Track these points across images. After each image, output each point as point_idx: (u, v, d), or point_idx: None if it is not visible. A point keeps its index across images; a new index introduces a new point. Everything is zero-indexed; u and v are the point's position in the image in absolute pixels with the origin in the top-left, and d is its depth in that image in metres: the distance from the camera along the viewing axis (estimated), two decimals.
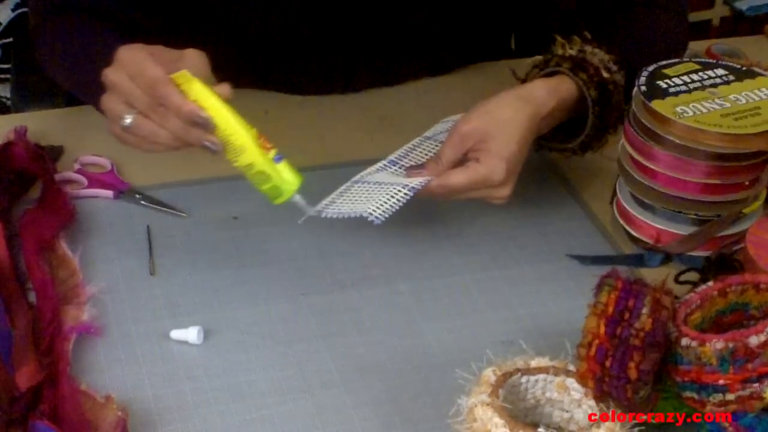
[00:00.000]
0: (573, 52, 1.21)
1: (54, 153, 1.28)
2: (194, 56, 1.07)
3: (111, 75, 1.07)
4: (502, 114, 1.14)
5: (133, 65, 1.05)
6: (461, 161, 1.14)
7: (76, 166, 1.27)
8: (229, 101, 1.05)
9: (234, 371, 1.03)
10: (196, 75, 1.04)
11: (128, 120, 1.06)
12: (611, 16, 1.35)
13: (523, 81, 1.23)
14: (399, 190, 1.10)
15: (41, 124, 1.33)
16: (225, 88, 1.06)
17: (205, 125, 1.04)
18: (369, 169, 1.16)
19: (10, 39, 2.22)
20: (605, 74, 1.20)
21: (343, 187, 1.13)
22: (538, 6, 1.52)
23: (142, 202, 1.23)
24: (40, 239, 1.13)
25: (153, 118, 1.05)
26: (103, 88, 1.08)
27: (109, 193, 1.24)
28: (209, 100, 1.04)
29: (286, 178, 1.07)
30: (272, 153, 1.06)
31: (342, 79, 1.44)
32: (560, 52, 1.22)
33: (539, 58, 1.23)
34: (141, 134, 1.07)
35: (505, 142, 1.13)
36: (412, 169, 1.15)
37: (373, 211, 1.07)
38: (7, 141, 1.25)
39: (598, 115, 1.20)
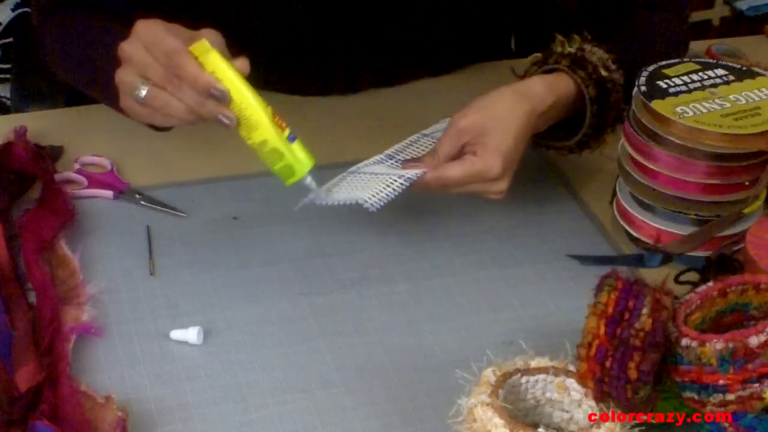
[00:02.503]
0: (572, 50, 1.21)
1: (54, 153, 1.28)
2: (210, 35, 1.06)
3: (127, 47, 1.06)
4: (499, 109, 1.14)
5: (150, 37, 1.05)
6: (458, 156, 1.14)
7: (76, 166, 1.27)
8: (246, 76, 1.05)
9: (234, 371, 1.03)
10: None
11: (143, 91, 1.06)
12: (612, 17, 1.35)
13: (522, 78, 1.23)
14: (395, 180, 1.10)
15: (41, 124, 1.33)
16: (243, 62, 1.05)
17: (221, 98, 1.03)
18: (365, 162, 1.16)
19: (10, 39, 2.22)
20: (604, 72, 1.20)
21: (339, 177, 1.13)
22: (539, 6, 1.52)
23: (142, 202, 1.23)
24: (40, 239, 1.13)
25: (168, 89, 1.04)
26: (118, 63, 1.08)
27: (109, 193, 1.24)
28: (226, 73, 1.03)
29: (299, 157, 1.06)
30: (286, 132, 1.06)
31: (342, 79, 1.44)
32: (559, 49, 1.22)
33: (538, 55, 1.23)
34: (155, 105, 1.06)
35: (502, 137, 1.12)
36: (409, 162, 1.15)
37: (369, 198, 1.07)
38: (7, 141, 1.25)
39: (596, 113, 1.20)
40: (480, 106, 1.15)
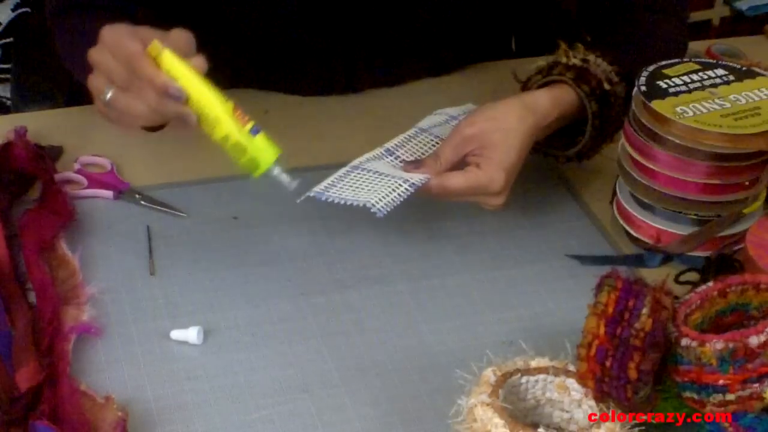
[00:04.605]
0: (577, 62, 1.21)
1: (54, 153, 1.28)
2: (179, 35, 1.07)
3: (94, 54, 1.08)
4: (507, 122, 1.14)
5: (113, 42, 1.07)
6: (460, 162, 1.14)
7: (76, 166, 1.27)
8: (204, 74, 1.05)
9: (234, 371, 1.03)
10: (178, 52, 1.04)
11: (108, 95, 1.07)
12: (611, 19, 1.35)
13: (524, 84, 1.23)
14: (400, 185, 1.10)
15: (41, 124, 1.33)
16: (200, 60, 1.06)
17: (178, 96, 1.04)
18: (366, 156, 1.16)
19: (10, 39, 2.22)
20: (607, 86, 1.20)
21: (342, 171, 1.13)
22: (539, 7, 1.52)
23: (142, 202, 1.23)
24: (40, 239, 1.13)
25: (132, 92, 1.06)
26: (90, 69, 1.10)
27: (109, 193, 1.24)
28: (182, 72, 1.04)
29: (263, 149, 1.06)
30: (249, 126, 1.06)
31: (342, 79, 1.44)
32: (564, 60, 1.22)
33: (542, 63, 1.23)
34: (118, 108, 1.08)
35: (507, 152, 1.13)
36: (410, 165, 1.15)
37: (376, 203, 1.08)
38: (7, 141, 1.25)
39: (597, 126, 1.21)
40: (488, 116, 1.15)
